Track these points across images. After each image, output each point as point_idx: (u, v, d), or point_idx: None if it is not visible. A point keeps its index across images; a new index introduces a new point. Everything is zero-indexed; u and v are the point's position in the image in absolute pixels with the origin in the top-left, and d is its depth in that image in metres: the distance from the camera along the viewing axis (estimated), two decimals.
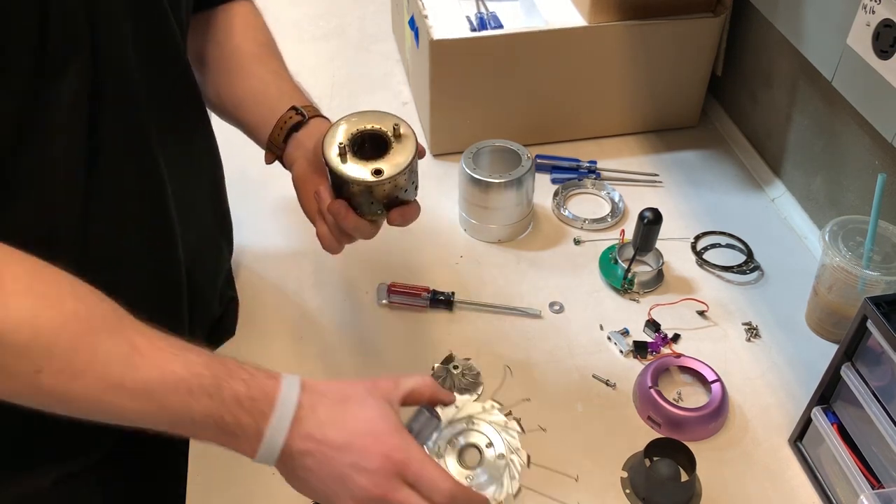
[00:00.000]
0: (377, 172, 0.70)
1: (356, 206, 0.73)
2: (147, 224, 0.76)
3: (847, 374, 0.73)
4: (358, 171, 0.70)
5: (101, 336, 0.56)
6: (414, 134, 0.73)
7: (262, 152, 1.01)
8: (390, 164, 0.71)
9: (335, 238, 0.76)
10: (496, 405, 0.71)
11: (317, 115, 0.83)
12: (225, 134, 0.88)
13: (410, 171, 0.72)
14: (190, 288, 0.83)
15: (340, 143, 0.71)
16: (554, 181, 1.15)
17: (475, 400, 0.72)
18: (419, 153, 0.73)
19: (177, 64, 0.76)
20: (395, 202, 0.73)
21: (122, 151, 0.70)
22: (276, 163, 0.87)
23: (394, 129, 0.72)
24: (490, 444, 0.69)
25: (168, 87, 0.74)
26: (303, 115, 0.81)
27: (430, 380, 0.68)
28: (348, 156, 0.71)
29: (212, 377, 0.58)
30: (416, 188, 0.75)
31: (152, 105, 0.71)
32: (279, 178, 1.16)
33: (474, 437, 0.70)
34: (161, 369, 0.56)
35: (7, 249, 0.55)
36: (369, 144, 0.73)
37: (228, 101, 0.87)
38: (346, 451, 0.60)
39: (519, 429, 0.70)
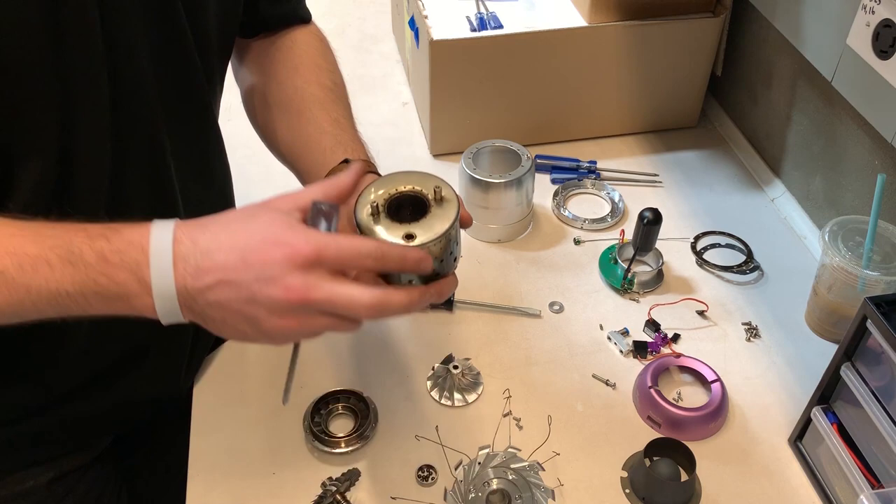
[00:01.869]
0: (409, 237, 0.62)
1: (386, 275, 0.65)
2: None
3: (847, 373, 0.73)
4: (388, 233, 0.62)
5: None
6: (458, 199, 0.65)
7: (263, 152, 1.00)
8: (425, 230, 0.62)
9: None
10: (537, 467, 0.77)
11: (371, 171, 0.76)
12: (224, 133, 0.88)
13: (448, 239, 0.63)
14: None
15: (374, 203, 0.64)
16: (554, 181, 1.15)
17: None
18: (463, 221, 0.66)
19: (192, 78, 0.75)
20: (429, 273, 0.64)
21: (140, 164, 0.70)
22: (275, 164, 0.86)
23: (434, 191, 0.65)
24: (519, 497, 0.74)
25: (183, 99, 0.74)
26: None
27: (333, 181, 0.62)
28: (381, 216, 0.63)
29: (67, 244, 0.55)
30: (456, 260, 0.67)
31: (167, 116, 0.71)
32: (280, 179, 1.16)
33: (506, 486, 0.74)
34: (13, 255, 0.54)
35: None
36: (408, 208, 0.65)
37: (283, 145, 0.84)
38: (245, 268, 0.54)
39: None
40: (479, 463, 0.78)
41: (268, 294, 0.54)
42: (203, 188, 0.83)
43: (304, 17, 0.91)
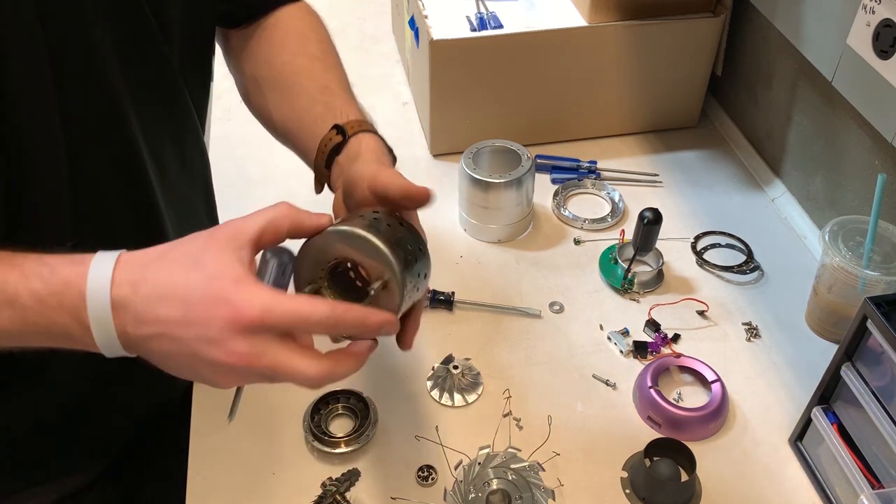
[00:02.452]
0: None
1: None
2: (136, 227, 0.75)
3: (847, 374, 0.73)
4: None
5: None
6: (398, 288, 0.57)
7: (263, 152, 1.00)
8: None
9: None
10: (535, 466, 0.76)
11: (361, 129, 0.71)
12: (223, 134, 0.88)
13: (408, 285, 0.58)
14: None
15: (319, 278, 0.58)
16: (554, 181, 1.15)
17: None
18: (419, 198, 0.60)
19: (162, 69, 0.73)
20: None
21: (106, 170, 0.69)
22: (275, 164, 0.86)
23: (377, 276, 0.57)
24: (520, 498, 0.73)
25: (155, 90, 0.73)
26: (343, 134, 0.70)
27: (285, 207, 0.57)
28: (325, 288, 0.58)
29: (4, 285, 0.52)
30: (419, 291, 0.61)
31: (139, 110, 0.70)
32: (278, 178, 1.17)
33: (506, 486, 0.74)
34: None
35: None
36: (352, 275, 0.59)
37: (279, 123, 0.80)
38: (187, 325, 0.51)
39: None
40: (479, 463, 0.78)
41: (209, 355, 0.51)
42: (182, 179, 0.81)
43: None
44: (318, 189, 0.74)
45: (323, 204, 1.14)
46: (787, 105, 1.10)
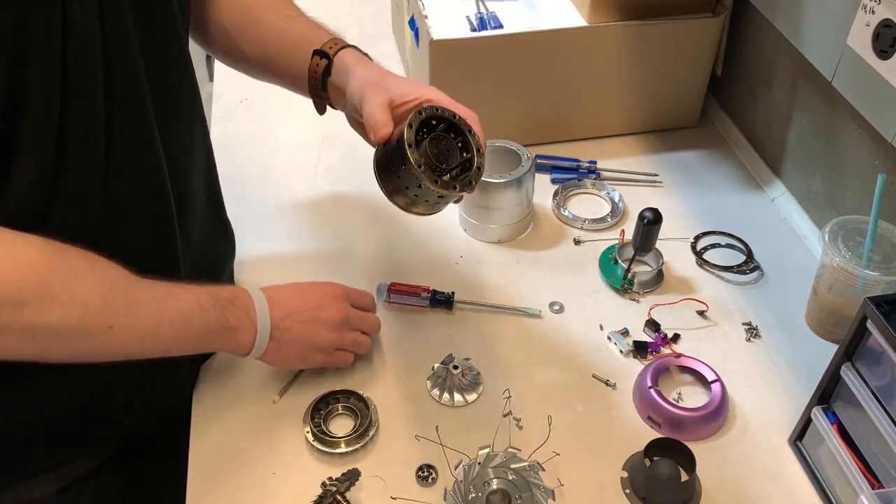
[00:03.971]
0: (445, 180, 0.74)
1: (390, 172, 0.73)
2: (151, 224, 0.76)
3: (847, 374, 0.73)
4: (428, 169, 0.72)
5: (136, 289, 0.68)
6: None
7: (263, 152, 1.01)
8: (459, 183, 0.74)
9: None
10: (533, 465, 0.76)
11: (339, 47, 0.83)
12: (224, 134, 0.88)
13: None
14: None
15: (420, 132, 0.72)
16: (554, 181, 1.15)
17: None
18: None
19: (178, 59, 0.76)
20: (410, 199, 0.75)
21: (132, 150, 0.70)
22: (275, 164, 0.87)
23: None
24: (519, 498, 0.75)
25: (169, 80, 0.74)
26: (328, 57, 0.82)
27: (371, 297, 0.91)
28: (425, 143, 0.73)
29: (207, 293, 0.74)
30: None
31: (155, 100, 0.71)
32: (278, 178, 1.17)
33: (506, 486, 0.76)
34: (180, 299, 0.71)
35: (61, 245, 0.64)
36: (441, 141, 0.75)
37: (256, 62, 0.89)
38: (310, 304, 0.82)
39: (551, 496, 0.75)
40: (479, 463, 0.78)
41: (324, 314, 0.83)
42: (190, 178, 0.83)
43: None
44: (320, 110, 0.88)
45: (322, 201, 1.14)
46: (787, 105, 1.10)
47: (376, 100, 0.75)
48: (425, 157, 0.71)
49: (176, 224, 0.78)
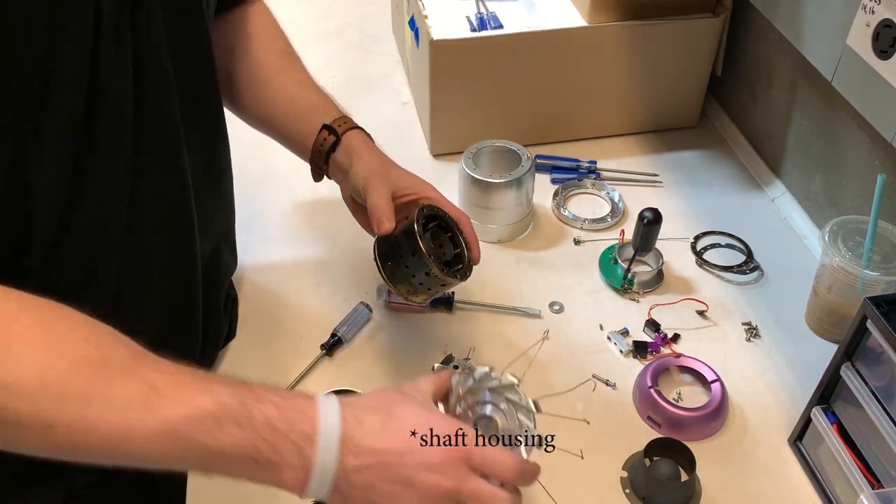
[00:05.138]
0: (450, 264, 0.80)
1: (394, 257, 0.77)
2: (172, 236, 0.76)
3: (847, 373, 0.73)
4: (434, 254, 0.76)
5: (114, 381, 0.52)
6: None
7: (263, 152, 1.00)
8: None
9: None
10: (513, 380, 0.68)
11: (348, 127, 0.84)
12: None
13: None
14: (204, 298, 0.82)
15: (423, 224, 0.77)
16: (554, 181, 1.15)
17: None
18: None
19: (207, 68, 0.75)
20: (411, 287, 0.78)
21: (160, 163, 0.70)
22: (275, 164, 0.87)
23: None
24: (504, 418, 0.67)
25: (196, 92, 0.74)
26: (336, 135, 0.83)
27: (443, 379, 0.67)
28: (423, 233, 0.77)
29: (239, 404, 0.54)
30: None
31: (184, 112, 0.71)
32: (279, 178, 1.17)
33: (489, 410, 0.68)
34: (184, 404, 0.53)
35: (21, 299, 0.53)
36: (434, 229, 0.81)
37: (261, 119, 0.90)
38: (409, 453, 0.57)
39: (534, 408, 0.67)
40: (476, 379, 0.68)
41: (425, 480, 0.56)
42: (213, 193, 0.83)
43: None
44: (317, 179, 0.88)
45: (323, 202, 1.13)
46: (787, 105, 1.10)
47: (381, 191, 0.78)
48: (428, 248, 0.76)
49: (197, 243, 0.78)
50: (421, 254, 0.75)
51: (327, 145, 0.84)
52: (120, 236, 0.69)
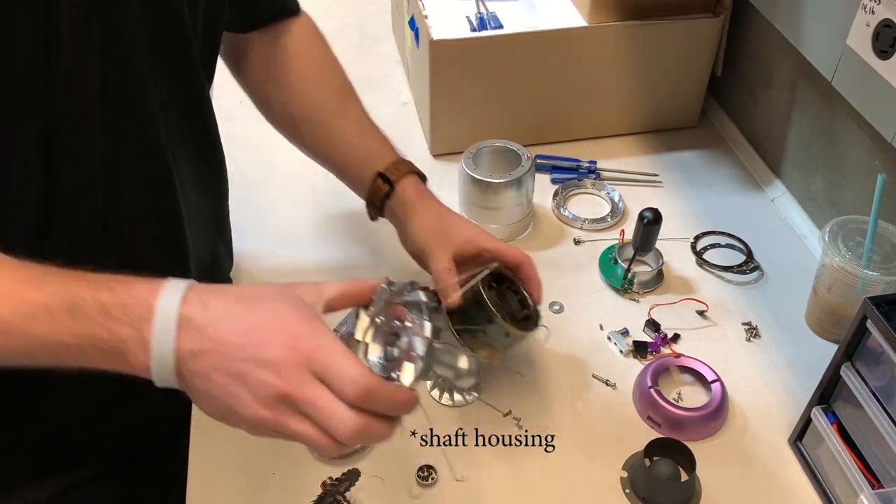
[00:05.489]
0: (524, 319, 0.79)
1: (469, 320, 0.77)
2: (162, 242, 0.76)
3: (847, 373, 0.73)
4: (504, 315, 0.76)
5: None
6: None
7: (263, 152, 1.01)
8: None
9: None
10: (421, 295, 0.63)
11: (402, 174, 0.86)
12: (223, 134, 0.88)
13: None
14: None
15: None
16: (554, 181, 1.15)
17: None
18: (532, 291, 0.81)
19: (192, 79, 0.75)
20: (480, 342, 0.77)
21: (138, 170, 0.70)
22: (275, 164, 0.87)
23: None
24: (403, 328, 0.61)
25: (183, 99, 0.74)
26: (390, 184, 0.85)
27: (357, 284, 0.60)
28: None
29: (71, 294, 0.53)
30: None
31: (168, 116, 0.71)
32: (279, 179, 1.17)
33: (397, 327, 0.62)
34: (17, 301, 0.53)
35: None
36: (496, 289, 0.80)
37: (316, 156, 0.93)
38: (245, 345, 0.53)
39: (429, 334, 0.61)
40: (392, 291, 0.62)
41: (256, 375, 0.52)
42: (202, 196, 0.83)
43: (294, 9, 0.93)
44: (373, 219, 0.90)
45: (323, 202, 1.13)
46: (787, 105, 1.10)
47: (442, 260, 0.79)
48: (502, 313, 0.76)
49: (189, 245, 0.78)
50: (496, 320, 0.75)
51: (382, 193, 0.86)
52: (100, 234, 0.69)
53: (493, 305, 0.75)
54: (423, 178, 0.89)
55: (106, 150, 0.66)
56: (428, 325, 0.60)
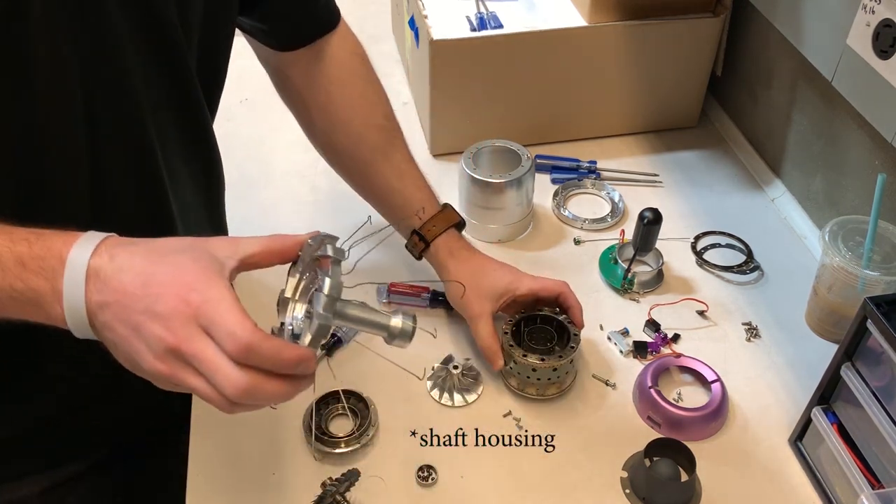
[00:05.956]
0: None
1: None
2: (148, 224, 0.76)
3: (847, 374, 0.73)
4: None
5: None
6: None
7: (263, 152, 1.00)
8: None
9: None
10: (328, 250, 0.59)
11: (438, 232, 0.90)
12: (223, 134, 0.88)
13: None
14: None
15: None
16: (554, 181, 1.15)
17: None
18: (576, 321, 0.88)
19: (183, 80, 0.74)
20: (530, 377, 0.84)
21: (123, 166, 0.70)
22: (275, 164, 0.87)
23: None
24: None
25: (172, 102, 0.74)
26: (426, 242, 0.90)
27: (281, 239, 0.60)
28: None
29: None
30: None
31: (157, 119, 0.71)
32: (278, 179, 1.17)
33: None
34: None
35: None
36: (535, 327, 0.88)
37: (361, 192, 0.96)
38: (142, 297, 0.52)
39: (326, 289, 0.57)
40: (310, 244, 0.61)
41: (150, 329, 0.52)
42: (197, 196, 0.83)
43: (335, 23, 0.91)
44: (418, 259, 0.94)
45: (323, 202, 1.13)
46: (787, 105, 1.10)
47: (483, 332, 0.86)
48: (528, 351, 0.84)
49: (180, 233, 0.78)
50: (522, 365, 0.84)
51: (418, 250, 0.91)
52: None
53: (516, 352, 0.84)
54: (460, 226, 0.93)
55: (92, 151, 0.65)
56: (328, 281, 0.56)
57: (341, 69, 0.91)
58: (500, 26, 1.10)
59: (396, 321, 0.61)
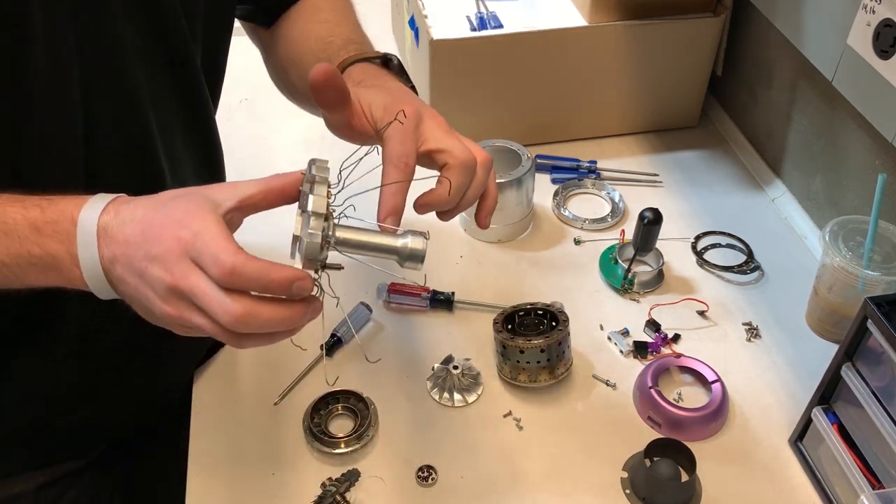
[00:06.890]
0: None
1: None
2: None
3: (847, 374, 0.73)
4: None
5: None
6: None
7: (263, 152, 1.00)
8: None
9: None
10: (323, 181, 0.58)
11: (350, 62, 0.76)
12: (223, 133, 0.88)
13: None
14: None
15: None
16: (554, 181, 1.15)
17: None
18: None
19: (183, 67, 0.74)
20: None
21: (122, 160, 0.70)
22: (275, 164, 0.86)
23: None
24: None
25: (172, 91, 0.73)
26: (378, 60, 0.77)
27: (280, 177, 0.59)
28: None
29: (3, 215, 0.55)
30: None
31: (156, 107, 0.71)
32: None
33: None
34: None
35: None
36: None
37: (300, 91, 0.83)
38: (142, 244, 0.53)
39: (310, 206, 0.57)
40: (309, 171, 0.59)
41: (151, 272, 0.52)
42: (194, 179, 0.82)
43: None
44: None
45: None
46: (787, 105, 1.10)
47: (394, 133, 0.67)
48: (513, 332, 0.87)
49: None
50: (511, 350, 0.85)
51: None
52: None
53: (505, 337, 0.85)
54: (389, 64, 0.78)
55: (87, 137, 0.65)
56: (311, 199, 0.55)
57: (306, 12, 0.87)
58: (500, 26, 1.10)
59: (405, 241, 0.57)
